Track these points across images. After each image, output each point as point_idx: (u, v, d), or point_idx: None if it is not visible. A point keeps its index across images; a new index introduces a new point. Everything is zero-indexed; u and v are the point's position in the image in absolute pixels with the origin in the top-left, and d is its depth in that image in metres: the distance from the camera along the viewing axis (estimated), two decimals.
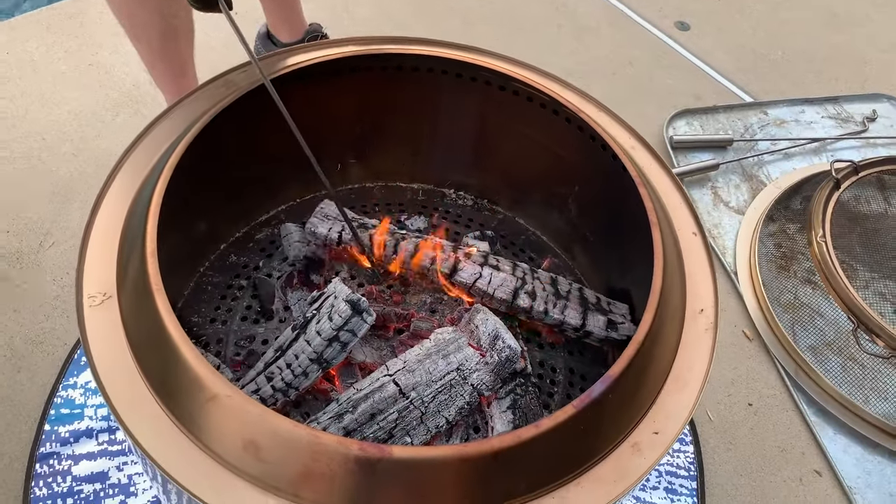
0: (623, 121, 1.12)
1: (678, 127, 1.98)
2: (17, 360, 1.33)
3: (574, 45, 2.25)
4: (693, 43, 2.31)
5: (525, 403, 0.96)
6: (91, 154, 1.68)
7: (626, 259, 1.08)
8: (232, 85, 1.06)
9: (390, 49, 1.11)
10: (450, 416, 0.91)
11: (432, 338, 0.95)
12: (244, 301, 1.12)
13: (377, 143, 1.26)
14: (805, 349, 1.51)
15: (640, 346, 0.79)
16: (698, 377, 0.84)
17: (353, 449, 0.68)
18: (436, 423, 0.90)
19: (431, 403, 0.90)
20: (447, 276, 1.07)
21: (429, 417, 0.90)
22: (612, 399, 0.76)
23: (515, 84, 1.10)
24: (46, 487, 1.16)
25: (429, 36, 1.16)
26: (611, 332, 1.04)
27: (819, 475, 1.38)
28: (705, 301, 0.91)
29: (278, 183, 1.22)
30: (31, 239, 1.51)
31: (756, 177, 1.89)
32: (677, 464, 1.33)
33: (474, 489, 0.71)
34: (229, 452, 0.71)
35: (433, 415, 0.90)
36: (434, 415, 0.90)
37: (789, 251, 1.68)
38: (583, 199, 1.18)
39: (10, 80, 1.82)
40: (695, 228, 0.99)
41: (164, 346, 0.75)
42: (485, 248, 1.16)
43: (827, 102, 2.13)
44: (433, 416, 0.90)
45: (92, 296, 0.82)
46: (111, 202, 0.92)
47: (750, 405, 1.46)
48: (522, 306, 1.05)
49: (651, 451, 0.78)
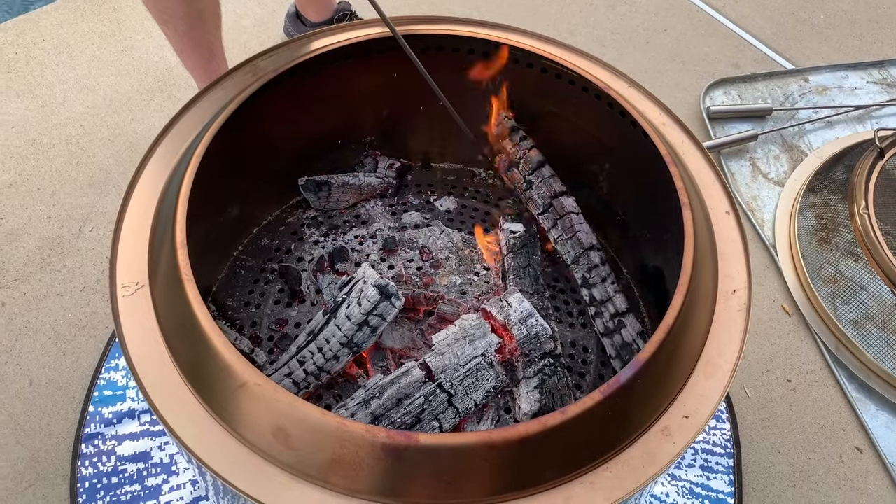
0: (654, 96, 1.10)
1: (715, 97, 1.94)
2: (63, 343, 1.37)
3: (607, 13, 2.20)
4: (730, 8, 2.25)
5: (553, 384, 0.96)
6: (127, 139, 1.71)
7: (659, 238, 1.07)
8: (259, 70, 1.06)
9: (414, 30, 1.10)
10: (478, 398, 0.91)
11: (457, 324, 0.95)
12: (277, 284, 1.13)
13: (405, 123, 1.26)
14: (846, 323, 1.48)
15: (669, 331, 0.78)
16: (731, 359, 0.83)
17: (381, 436, 0.69)
18: (465, 406, 0.91)
19: (460, 386, 0.90)
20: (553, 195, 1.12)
21: (458, 400, 0.90)
22: (640, 384, 0.76)
23: (543, 62, 1.08)
24: (92, 467, 1.20)
25: (462, 7, 1.14)
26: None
27: (860, 452, 1.36)
28: (738, 282, 0.90)
29: (309, 164, 1.22)
30: (72, 224, 1.55)
31: (796, 147, 1.84)
32: (713, 441, 1.32)
33: (501, 476, 0.71)
34: (259, 439, 0.72)
35: (462, 398, 0.90)
36: (462, 398, 0.90)
37: (831, 223, 1.63)
38: (614, 177, 1.16)
39: (47, 66, 1.85)
40: (728, 207, 0.97)
41: (194, 335, 0.76)
42: (519, 229, 1.15)
43: (872, 67, 2.06)
44: (462, 398, 0.90)
45: (125, 285, 0.83)
46: (142, 192, 0.93)
47: (789, 381, 1.44)
48: (593, 261, 1.08)
49: (681, 436, 0.77)
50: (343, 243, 1.17)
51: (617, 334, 1.04)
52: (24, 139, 1.69)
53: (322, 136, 1.21)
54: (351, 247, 1.17)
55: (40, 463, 1.23)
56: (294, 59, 1.03)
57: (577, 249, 1.09)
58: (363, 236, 1.19)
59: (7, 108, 1.74)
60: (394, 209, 1.25)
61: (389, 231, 1.20)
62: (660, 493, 1.26)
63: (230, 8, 2.05)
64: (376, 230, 1.20)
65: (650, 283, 1.13)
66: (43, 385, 1.32)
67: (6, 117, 1.72)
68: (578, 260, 1.10)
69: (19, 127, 1.71)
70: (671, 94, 1.96)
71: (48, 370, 1.34)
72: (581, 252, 1.09)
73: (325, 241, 1.18)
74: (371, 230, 1.20)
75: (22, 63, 1.85)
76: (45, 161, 1.65)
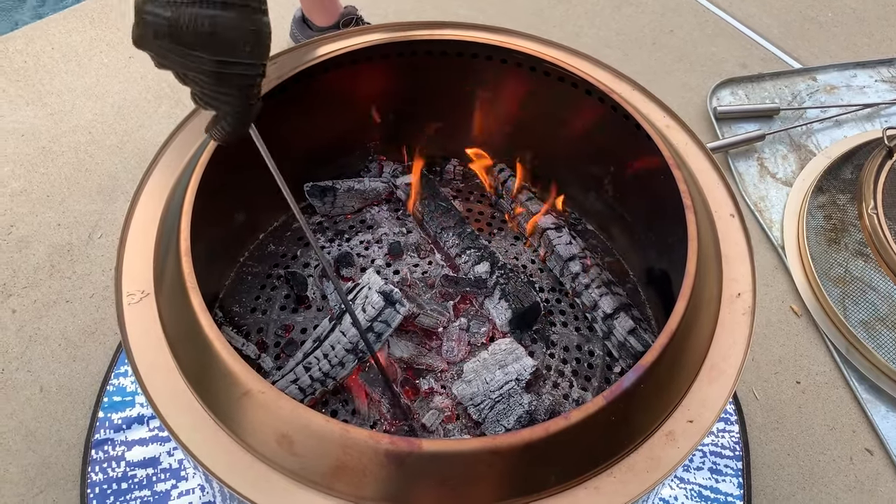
0: (657, 98, 1.09)
1: (722, 97, 1.93)
2: (73, 350, 1.39)
3: (613, 14, 2.20)
4: (737, 8, 2.24)
5: (512, 288, 1.06)
6: (135, 146, 1.72)
7: (665, 240, 1.06)
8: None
9: (418, 35, 1.10)
10: (508, 425, 0.94)
11: (490, 348, 1.01)
12: (283, 290, 1.14)
13: (410, 127, 1.26)
14: (856, 324, 1.47)
15: (672, 335, 0.78)
16: (735, 363, 0.83)
17: (383, 443, 0.69)
18: (495, 431, 0.94)
19: (490, 413, 0.95)
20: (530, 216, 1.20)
21: (487, 427, 0.95)
22: (644, 389, 0.76)
23: (546, 65, 1.08)
24: (102, 472, 1.21)
25: (468, 10, 1.14)
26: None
27: (870, 454, 1.35)
28: (743, 285, 0.89)
29: (314, 170, 1.23)
30: (81, 231, 1.56)
31: (805, 146, 1.83)
32: (722, 444, 1.31)
33: (505, 481, 0.71)
34: (264, 446, 0.73)
35: (491, 424, 0.94)
36: (493, 424, 0.94)
37: (840, 223, 1.63)
38: (619, 179, 1.16)
39: (56, 74, 1.87)
40: (732, 210, 0.97)
41: (199, 343, 0.77)
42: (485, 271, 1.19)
43: (880, 65, 2.04)
44: (492, 425, 0.95)
45: (131, 293, 0.84)
46: (148, 200, 0.94)
47: (798, 383, 1.43)
48: (573, 271, 1.12)
49: (685, 440, 0.77)
50: (349, 248, 1.18)
51: (613, 336, 1.05)
52: (33, 147, 1.70)
53: (327, 141, 1.22)
54: (357, 252, 1.17)
55: (51, 469, 1.24)
56: (298, 66, 1.04)
57: (559, 263, 1.14)
58: (369, 241, 1.19)
59: (17, 116, 1.76)
60: (399, 214, 1.25)
61: (395, 236, 1.20)
62: (668, 497, 1.25)
63: None
64: (382, 235, 1.20)
65: (656, 286, 1.13)
66: (53, 391, 1.33)
67: (16, 125, 1.74)
68: (563, 272, 1.14)
69: (29, 135, 1.72)
70: (678, 94, 1.95)
71: (58, 376, 1.35)
72: (563, 264, 1.13)
73: (331, 247, 1.19)
74: (377, 235, 1.20)
75: (31, 71, 1.87)
76: (55, 169, 1.67)
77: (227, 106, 0.71)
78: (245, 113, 0.72)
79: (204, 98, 0.70)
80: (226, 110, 0.71)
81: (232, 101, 0.70)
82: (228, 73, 0.67)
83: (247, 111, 0.72)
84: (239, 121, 0.73)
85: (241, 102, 0.70)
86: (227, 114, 0.72)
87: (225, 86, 0.68)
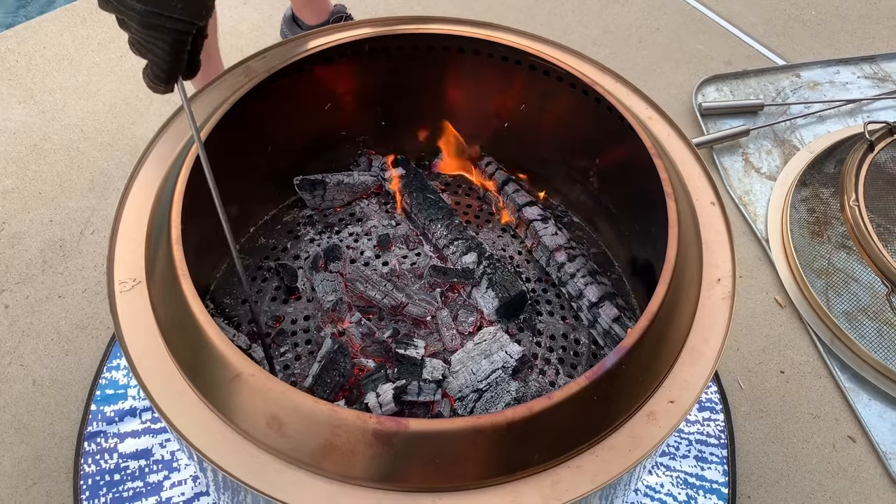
0: (640, 91, 1.12)
1: (708, 93, 1.96)
2: (65, 344, 1.40)
3: (600, 12, 2.22)
4: (722, 6, 2.27)
5: (499, 278, 1.08)
6: (127, 143, 1.74)
7: (648, 231, 1.08)
8: (252, 71, 1.08)
9: (404, 30, 1.12)
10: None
11: (476, 338, 1.02)
12: (273, 282, 1.15)
13: (397, 122, 1.28)
14: (839, 315, 1.50)
15: (653, 318, 0.80)
16: (715, 346, 0.85)
17: (371, 423, 0.71)
18: None
19: (478, 403, 0.96)
20: (517, 208, 1.22)
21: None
22: (625, 370, 0.78)
23: (531, 59, 1.10)
24: (95, 464, 1.22)
25: (456, 8, 1.16)
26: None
27: (853, 441, 1.37)
28: (723, 270, 0.91)
29: (304, 164, 1.24)
30: (73, 227, 1.57)
31: (788, 142, 1.86)
32: (707, 432, 1.34)
33: (490, 460, 0.73)
34: (254, 428, 0.74)
35: (481, 413, 0.95)
36: (482, 413, 0.95)
37: (823, 216, 1.65)
38: (603, 171, 1.18)
39: (48, 73, 1.88)
40: (713, 198, 0.99)
41: (190, 329, 0.78)
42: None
43: (863, 62, 2.08)
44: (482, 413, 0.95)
45: (122, 281, 0.85)
46: (139, 192, 0.95)
47: (782, 372, 1.46)
48: (559, 261, 1.14)
49: (666, 420, 0.79)
50: (338, 241, 1.19)
51: (598, 324, 1.07)
52: (25, 145, 1.71)
53: (317, 135, 1.23)
54: (346, 244, 1.19)
55: (44, 461, 1.25)
56: (287, 60, 1.05)
57: (545, 253, 1.16)
58: (358, 234, 1.21)
59: (9, 114, 1.77)
60: (388, 207, 1.27)
61: (384, 228, 1.22)
62: (654, 484, 1.27)
63: (227, 13, 2.08)
64: (371, 227, 1.22)
65: (640, 276, 1.15)
66: (46, 385, 1.34)
67: (8, 124, 1.75)
68: (549, 262, 1.16)
69: (21, 133, 1.73)
70: (664, 91, 1.98)
71: (51, 370, 1.36)
72: (549, 255, 1.16)
73: (321, 239, 1.20)
74: (366, 227, 1.22)
75: (23, 70, 1.88)
76: (47, 166, 1.68)
77: (153, 55, 0.79)
78: (171, 64, 0.80)
79: (136, 44, 0.79)
80: (151, 59, 0.80)
81: (158, 51, 0.78)
82: (158, 24, 0.75)
83: (172, 63, 0.80)
84: (163, 69, 0.80)
85: (166, 53, 0.78)
86: (153, 62, 0.80)
87: (153, 35, 0.77)
